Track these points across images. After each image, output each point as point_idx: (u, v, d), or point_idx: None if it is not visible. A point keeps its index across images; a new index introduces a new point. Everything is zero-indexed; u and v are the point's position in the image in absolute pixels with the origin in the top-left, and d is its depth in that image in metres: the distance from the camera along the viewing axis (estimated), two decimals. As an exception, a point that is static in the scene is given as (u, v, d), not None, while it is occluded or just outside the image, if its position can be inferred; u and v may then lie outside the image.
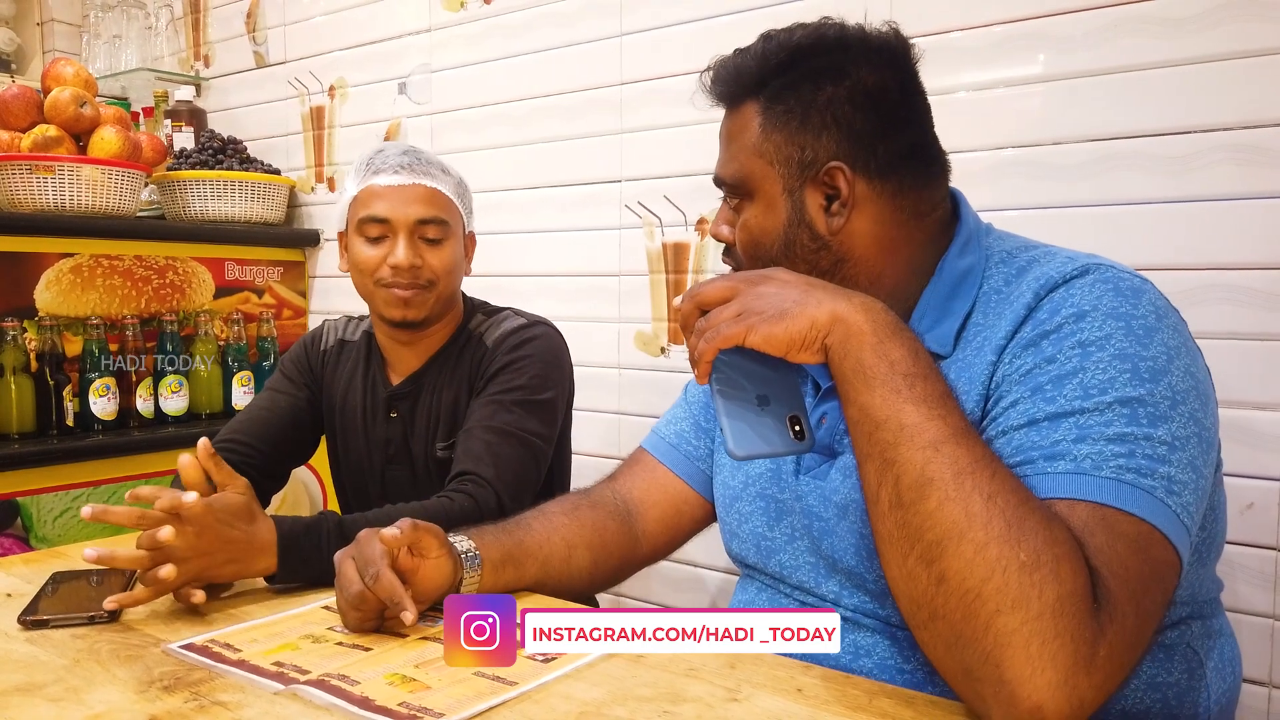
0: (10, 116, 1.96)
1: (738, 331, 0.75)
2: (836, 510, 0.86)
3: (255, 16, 2.46)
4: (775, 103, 0.86)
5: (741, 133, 0.88)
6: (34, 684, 0.76)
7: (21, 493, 1.82)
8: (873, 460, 0.71)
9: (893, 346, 0.72)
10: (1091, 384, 0.71)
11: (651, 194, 1.77)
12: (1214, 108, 1.23)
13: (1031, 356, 0.75)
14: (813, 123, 0.85)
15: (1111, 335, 0.73)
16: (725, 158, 0.91)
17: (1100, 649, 0.61)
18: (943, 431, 0.68)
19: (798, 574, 0.91)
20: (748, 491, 0.97)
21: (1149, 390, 0.70)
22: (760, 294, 0.76)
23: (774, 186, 0.87)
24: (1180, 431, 0.70)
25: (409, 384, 1.37)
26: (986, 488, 0.65)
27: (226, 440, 1.32)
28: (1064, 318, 0.75)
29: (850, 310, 0.73)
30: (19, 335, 1.85)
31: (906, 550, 0.67)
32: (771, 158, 0.86)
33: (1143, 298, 0.76)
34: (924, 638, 0.69)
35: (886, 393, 0.70)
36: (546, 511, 1.03)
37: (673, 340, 1.76)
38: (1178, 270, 1.26)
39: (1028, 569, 0.62)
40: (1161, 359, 0.72)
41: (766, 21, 1.59)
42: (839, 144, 0.85)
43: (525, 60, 1.93)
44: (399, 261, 1.27)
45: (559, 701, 0.72)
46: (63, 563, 1.11)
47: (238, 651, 0.82)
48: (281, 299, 2.38)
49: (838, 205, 0.85)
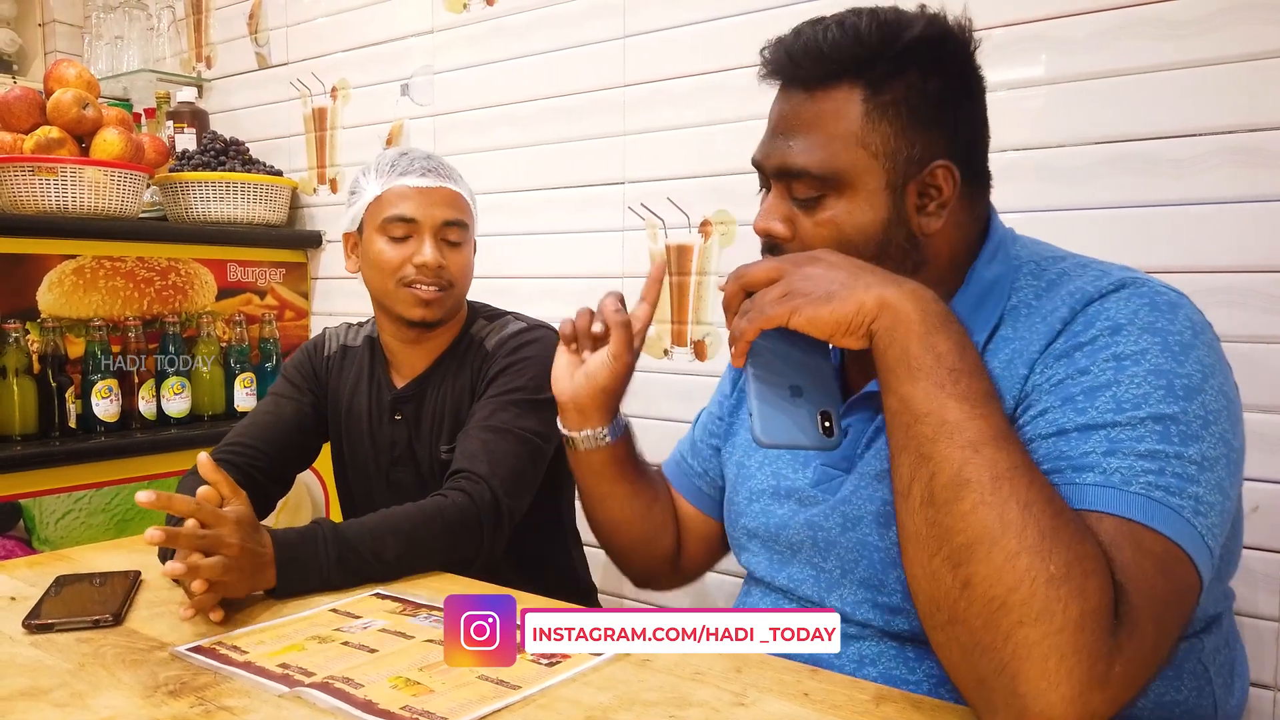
0: (12, 118, 1.96)
1: (781, 312, 0.73)
2: (846, 522, 0.85)
3: (257, 18, 2.46)
4: (881, 90, 0.79)
5: (836, 118, 0.80)
6: (39, 688, 0.76)
7: (24, 495, 1.82)
8: (908, 453, 0.69)
9: (940, 339, 0.69)
10: (1125, 398, 0.70)
11: (655, 196, 1.76)
12: (1216, 110, 1.23)
13: (1064, 367, 0.74)
14: (924, 116, 0.80)
15: (1147, 350, 0.72)
16: (808, 144, 0.82)
17: (1116, 665, 0.61)
18: (984, 432, 0.66)
19: (806, 585, 0.89)
20: (753, 507, 0.96)
21: (1182, 408, 0.69)
22: (808, 275, 0.74)
23: (876, 180, 0.80)
24: (1210, 452, 0.69)
25: (413, 386, 1.38)
26: (1024, 495, 0.64)
27: (232, 445, 1.32)
28: (1099, 330, 0.74)
29: (900, 297, 0.71)
30: (21, 337, 1.85)
31: (933, 550, 0.66)
32: (877, 149, 0.80)
33: (1179, 313, 0.74)
34: (939, 639, 0.68)
35: (930, 386, 0.68)
36: None
37: (675, 342, 1.76)
38: (1180, 273, 1.25)
39: (1056, 582, 0.61)
40: (1196, 377, 0.71)
41: (770, 22, 1.59)
42: (947, 141, 0.81)
43: (528, 61, 1.93)
44: (426, 260, 1.29)
45: (564, 706, 0.72)
46: (66, 566, 1.11)
47: (244, 653, 0.82)
48: (284, 300, 2.38)
49: (935, 205, 0.81)
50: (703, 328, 1.73)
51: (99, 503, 1.93)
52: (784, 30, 0.86)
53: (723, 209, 1.68)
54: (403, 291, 1.31)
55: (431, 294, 1.30)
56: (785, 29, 0.86)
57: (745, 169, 1.75)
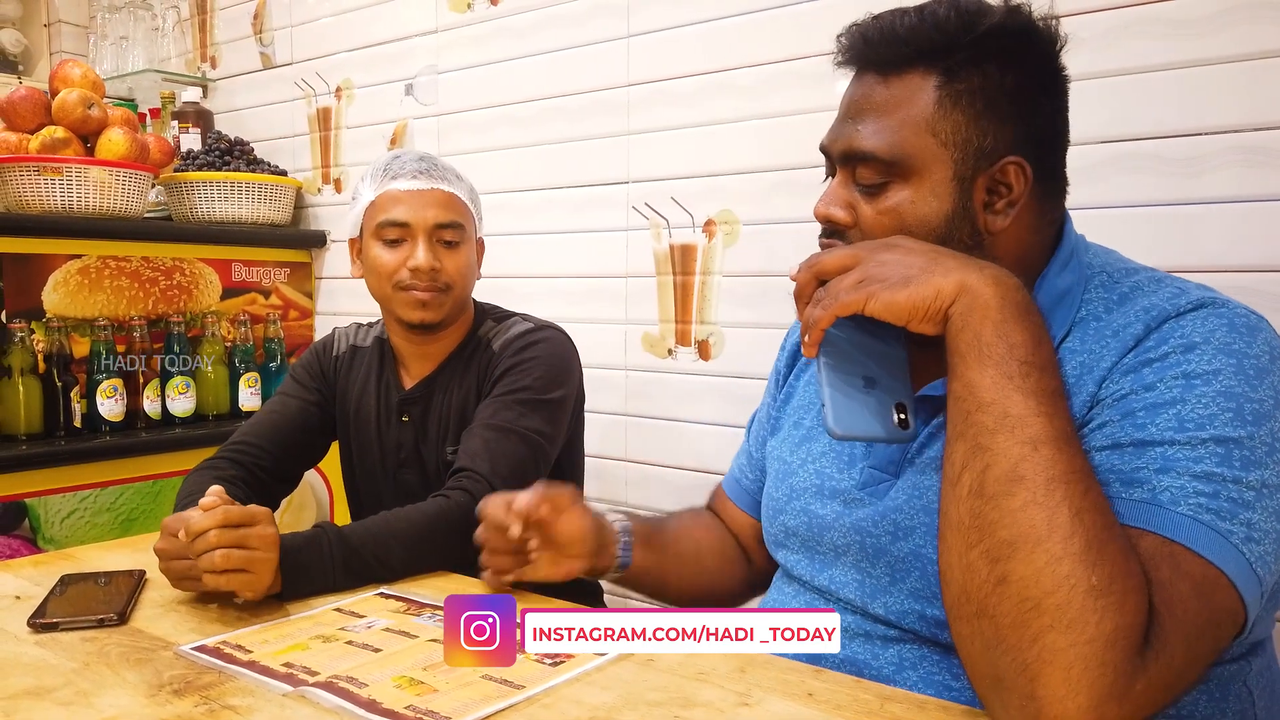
0: (18, 118, 1.96)
1: (857, 299, 0.71)
2: (898, 531, 0.83)
3: (262, 18, 2.47)
4: (955, 79, 0.76)
5: (907, 103, 0.78)
6: (44, 687, 0.76)
7: (29, 494, 1.83)
8: (965, 441, 0.67)
9: (1016, 328, 0.67)
10: (1189, 417, 0.68)
11: (658, 195, 1.76)
12: (1221, 110, 1.22)
13: (1130, 382, 0.72)
14: (999, 109, 0.77)
15: (1220, 371, 0.69)
16: (877, 128, 0.78)
17: (1138, 684, 0.60)
18: (1046, 431, 0.65)
19: (850, 589, 0.87)
20: (792, 505, 0.93)
21: (1249, 433, 0.67)
22: (883, 261, 0.72)
23: (943, 170, 0.77)
24: (1272, 479, 0.66)
25: (421, 388, 1.38)
26: (1078, 502, 0.62)
27: (239, 443, 1.32)
28: (1171, 347, 0.71)
29: (981, 281, 0.69)
30: (27, 336, 1.85)
31: (974, 541, 0.65)
32: (948, 138, 0.77)
33: (1259, 336, 0.72)
34: (962, 631, 0.66)
35: (998, 375, 0.66)
36: (679, 515, 1.09)
37: (679, 342, 1.76)
38: (1184, 272, 1.24)
39: (1096, 593, 0.60)
40: (1269, 403, 0.68)
41: (773, 23, 1.59)
42: (1022, 138, 0.78)
43: (532, 61, 1.93)
44: (419, 264, 1.29)
45: (568, 705, 0.72)
46: (71, 565, 1.11)
47: (248, 653, 0.82)
48: (288, 300, 2.39)
49: (1004, 204, 0.79)
50: (706, 327, 1.72)
51: (104, 502, 1.93)
52: (778, 33, 0.85)
53: (727, 208, 1.68)
54: (400, 295, 1.31)
55: (428, 296, 1.30)
56: (786, 29, 0.86)
57: (749, 168, 1.75)
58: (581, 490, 1.45)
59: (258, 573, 0.93)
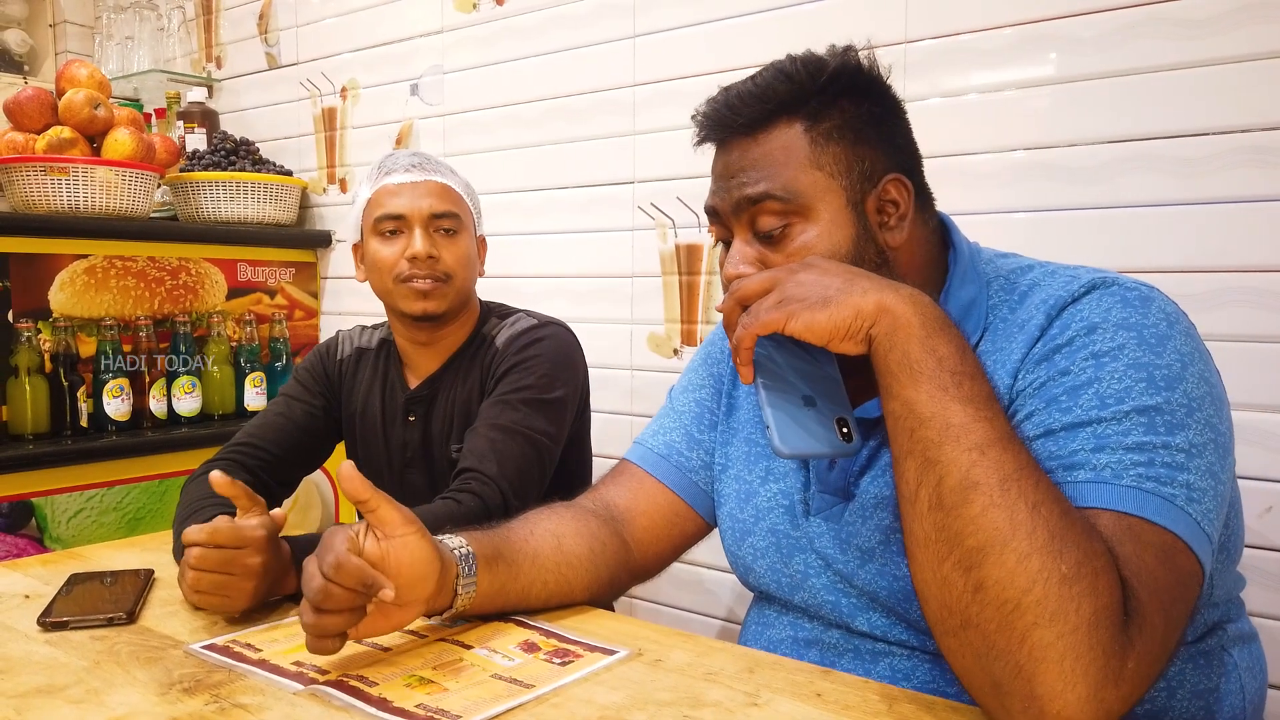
0: (25, 118, 1.97)
1: (777, 318, 0.73)
2: (860, 555, 0.85)
3: (267, 18, 2.47)
4: (819, 120, 0.82)
5: (785, 149, 0.82)
6: (55, 686, 0.76)
7: (36, 493, 1.83)
8: (913, 458, 0.69)
9: (940, 342, 0.70)
10: (1108, 393, 0.71)
11: (664, 195, 1.76)
12: (1228, 110, 1.22)
13: (1045, 370, 0.75)
14: (866, 135, 0.83)
15: (1124, 345, 0.73)
16: (763, 174, 0.82)
17: (1129, 661, 0.61)
18: (989, 434, 0.66)
19: (827, 609, 0.88)
20: (759, 526, 0.94)
21: (1165, 398, 0.70)
22: (801, 281, 0.75)
23: (837, 199, 0.82)
24: (1197, 439, 0.70)
25: (425, 387, 1.38)
26: (1032, 496, 0.64)
27: (241, 444, 1.32)
28: (1075, 331, 0.75)
29: (898, 301, 0.72)
30: (33, 336, 1.86)
31: (944, 554, 0.66)
32: (833, 169, 0.82)
33: (1151, 306, 0.76)
34: (950, 645, 0.67)
35: (933, 389, 0.68)
36: (524, 516, 0.97)
37: (685, 342, 1.76)
38: (1192, 273, 1.25)
39: (1068, 581, 0.61)
40: (1175, 366, 0.72)
41: (776, 23, 1.59)
42: (891, 157, 0.84)
43: (538, 61, 1.94)
44: (417, 251, 1.29)
45: (577, 705, 0.72)
46: (79, 564, 1.12)
47: (259, 651, 0.83)
48: (293, 300, 2.39)
49: (895, 219, 0.83)
50: (711, 328, 1.72)
51: (110, 501, 1.93)
52: (783, 33, 0.87)
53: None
54: (401, 287, 1.31)
55: (428, 285, 1.30)
56: (791, 29, 0.88)
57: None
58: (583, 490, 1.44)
59: (231, 598, 0.91)
